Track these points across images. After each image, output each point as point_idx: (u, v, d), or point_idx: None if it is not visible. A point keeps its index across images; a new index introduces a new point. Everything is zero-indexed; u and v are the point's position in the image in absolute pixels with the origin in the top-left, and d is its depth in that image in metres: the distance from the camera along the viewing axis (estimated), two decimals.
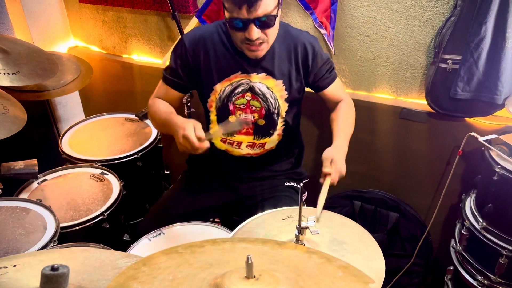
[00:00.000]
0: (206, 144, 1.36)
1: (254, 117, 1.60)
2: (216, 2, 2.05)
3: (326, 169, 1.37)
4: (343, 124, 1.58)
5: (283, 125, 1.65)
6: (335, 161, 1.39)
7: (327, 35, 1.91)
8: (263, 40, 1.43)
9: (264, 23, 1.38)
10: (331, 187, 1.37)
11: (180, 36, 2.10)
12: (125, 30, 2.43)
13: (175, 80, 1.61)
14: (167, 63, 2.33)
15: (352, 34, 1.89)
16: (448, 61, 1.70)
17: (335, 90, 1.65)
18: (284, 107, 1.60)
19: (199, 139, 1.33)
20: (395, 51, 1.85)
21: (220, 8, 2.05)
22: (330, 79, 1.63)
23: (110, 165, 1.91)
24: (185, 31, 2.15)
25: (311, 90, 1.67)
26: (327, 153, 1.41)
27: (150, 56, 2.45)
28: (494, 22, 1.55)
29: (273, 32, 1.45)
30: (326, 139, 2.05)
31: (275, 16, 1.39)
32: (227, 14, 1.40)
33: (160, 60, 2.41)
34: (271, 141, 1.66)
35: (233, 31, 1.43)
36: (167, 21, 2.27)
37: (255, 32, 1.38)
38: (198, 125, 1.39)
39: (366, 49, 1.90)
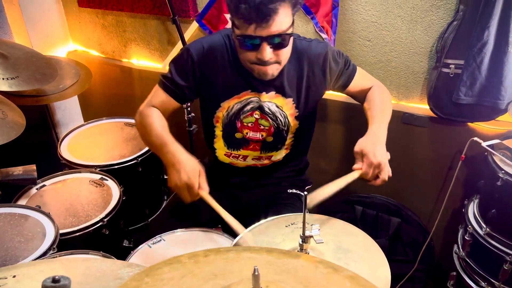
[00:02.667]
0: (203, 195, 1.31)
1: (262, 135, 1.53)
2: (217, 6, 2.04)
3: (356, 165, 1.27)
4: (376, 108, 1.44)
5: (292, 140, 1.59)
6: (366, 153, 1.26)
7: (329, 39, 1.90)
8: (275, 62, 1.32)
9: (278, 42, 1.26)
10: (375, 187, 1.28)
11: (180, 41, 2.09)
12: (124, 34, 2.42)
13: (177, 90, 1.49)
14: (167, 67, 2.34)
15: (353, 38, 1.89)
16: (450, 66, 1.69)
17: (359, 82, 1.54)
18: (294, 124, 1.52)
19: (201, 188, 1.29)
20: (396, 55, 1.85)
21: (221, 12, 2.04)
22: (348, 74, 1.52)
23: (109, 170, 1.89)
24: (185, 35, 2.14)
25: None
26: (357, 146, 1.29)
27: (150, 60, 2.44)
28: (497, 27, 1.54)
29: (286, 53, 1.33)
30: (330, 144, 2.04)
31: (289, 35, 1.28)
32: (237, 32, 1.27)
33: (160, 64, 2.40)
34: (278, 154, 1.61)
35: (242, 50, 1.31)
36: (167, 25, 2.26)
37: (267, 52, 1.26)
38: (203, 174, 1.32)
39: (368, 53, 1.89)
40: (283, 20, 1.23)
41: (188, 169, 1.29)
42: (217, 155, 1.63)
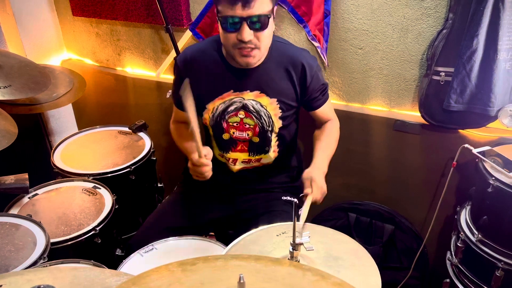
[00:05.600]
0: (207, 165, 1.43)
1: (248, 134, 1.59)
2: (210, 15, 2.05)
3: (307, 189, 1.40)
4: (325, 143, 1.60)
5: (277, 141, 1.64)
6: (314, 180, 1.41)
7: (321, 47, 1.92)
8: (255, 45, 1.40)
9: (257, 24, 1.36)
10: (316, 205, 1.41)
11: (173, 49, 2.10)
12: (118, 43, 2.43)
13: (179, 101, 1.61)
14: (161, 76, 2.35)
15: (345, 46, 1.90)
16: (441, 73, 1.71)
17: (326, 111, 1.67)
18: (278, 124, 1.59)
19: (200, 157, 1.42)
20: (388, 63, 1.86)
21: (214, 21, 2.06)
22: (322, 100, 1.64)
23: (102, 179, 1.89)
24: (179, 44, 2.15)
25: None
26: (306, 174, 1.44)
27: (144, 68, 2.44)
28: (485, 35, 1.56)
29: (265, 37, 1.42)
30: None
31: (268, 17, 1.37)
32: (220, 14, 1.39)
33: (153, 72, 2.40)
34: (267, 158, 1.66)
35: (225, 33, 1.41)
36: (161, 34, 2.28)
37: (247, 32, 1.36)
38: (207, 149, 1.48)
39: (359, 61, 1.90)
40: (262, 3, 1.34)
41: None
42: (215, 154, 1.69)
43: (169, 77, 2.35)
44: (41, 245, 1.42)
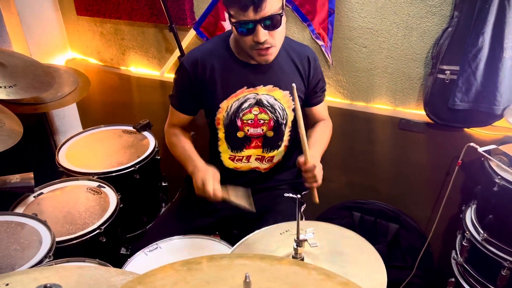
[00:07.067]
0: (219, 197, 1.46)
1: (262, 130, 1.60)
2: (214, 14, 2.05)
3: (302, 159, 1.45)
4: (319, 138, 1.64)
5: (289, 135, 1.67)
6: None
7: (325, 46, 1.91)
8: (271, 44, 1.42)
9: (271, 23, 1.38)
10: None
11: (177, 48, 2.10)
12: (122, 42, 2.43)
13: (183, 105, 1.65)
14: (165, 75, 2.35)
15: (349, 45, 1.89)
16: (446, 72, 1.70)
17: (321, 110, 1.72)
18: (291, 117, 1.62)
19: (215, 191, 1.45)
20: (392, 62, 1.85)
21: (218, 20, 2.05)
22: (321, 98, 1.69)
23: (107, 178, 1.89)
24: (183, 43, 2.15)
25: None
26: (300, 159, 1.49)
27: (148, 68, 2.45)
28: (491, 33, 1.55)
29: (280, 34, 1.44)
30: (330, 151, 2.06)
31: (280, 15, 1.39)
32: (233, 20, 1.40)
33: (158, 72, 2.41)
34: (279, 154, 1.67)
35: (241, 37, 1.42)
36: (165, 33, 2.28)
37: (262, 33, 1.38)
38: (217, 177, 1.48)
39: (364, 60, 1.90)
40: (273, 3, 1.35)
41: (201, 175, 1.48)
42: (222, 160, 1.67)
43: (173, 76, 2.35)
44: (47, 244, 1.42)
